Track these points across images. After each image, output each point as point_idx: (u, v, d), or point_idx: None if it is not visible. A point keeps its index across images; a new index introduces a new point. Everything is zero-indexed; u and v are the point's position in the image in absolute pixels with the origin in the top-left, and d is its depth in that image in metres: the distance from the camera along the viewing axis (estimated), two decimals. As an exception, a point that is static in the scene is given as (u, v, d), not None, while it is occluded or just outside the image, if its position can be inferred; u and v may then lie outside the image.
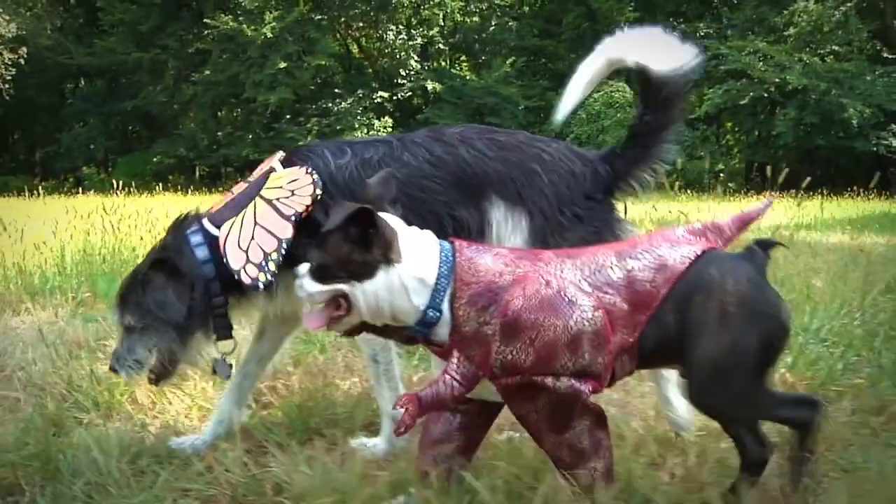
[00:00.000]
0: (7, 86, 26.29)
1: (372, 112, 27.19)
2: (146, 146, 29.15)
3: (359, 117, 26.63)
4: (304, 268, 1.72)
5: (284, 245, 2.08)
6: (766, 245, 1.75)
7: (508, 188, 2.21)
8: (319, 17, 27.07)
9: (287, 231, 2.09)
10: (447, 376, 1.68)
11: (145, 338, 2.15)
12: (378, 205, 1.71)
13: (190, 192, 17.57)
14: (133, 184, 9.37)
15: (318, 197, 2.13)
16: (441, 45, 29.43)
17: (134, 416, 2.54)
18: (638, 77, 2.23)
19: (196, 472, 2.01)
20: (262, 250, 2.09)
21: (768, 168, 22.45)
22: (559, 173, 2.22)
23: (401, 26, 28.07)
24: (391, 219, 1.70)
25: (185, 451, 2.21)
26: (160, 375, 2.19)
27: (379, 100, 27.34)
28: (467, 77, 28.35)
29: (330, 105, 26.89)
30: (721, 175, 26.74)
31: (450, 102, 26.97)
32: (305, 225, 2.10)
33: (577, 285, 1.67)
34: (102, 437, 2.23)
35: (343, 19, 28.00)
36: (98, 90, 30.78)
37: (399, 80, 27.85)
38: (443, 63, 29.43)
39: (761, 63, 23.54)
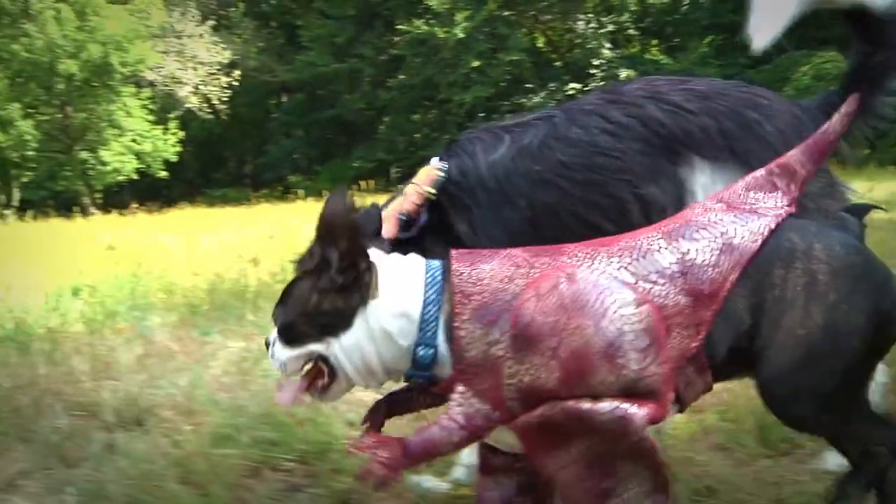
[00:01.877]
0: (225, 107, 28.64)
1: (564, 105, 26.98)
2: (346, 153, 30.65)
3: (551, 111, 26.52)
4: (273, 333, 1.42)
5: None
6: (859, 211, 1.37)
7: (717, 144, 1.81)
8: (508, 12, 27.24)
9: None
10: (445, 418, 1.31)
11: None
12: (357, 239, 1.38)
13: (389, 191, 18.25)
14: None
15: (429, 194, 1.88)
16: (631, 31, 28.68)
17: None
18: (853, 20, 1.84)
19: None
20: None
21: None
22: (784, 118, 1.80)
23: (589, 15, 27.66)
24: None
25: None
26: None
27: (571, 91, 26.98)
28: (662, 61, 27.41)
29: (523, 100, 26.90)
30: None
31: (645, 89, 26.18)
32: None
33: (613, 275, 1.28)
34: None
35: (532, 13, 28.00)
36: (299, 103, 32.78)
37: (590, 71, 27.42)
38: (633, 49, 28.62)
39: None
